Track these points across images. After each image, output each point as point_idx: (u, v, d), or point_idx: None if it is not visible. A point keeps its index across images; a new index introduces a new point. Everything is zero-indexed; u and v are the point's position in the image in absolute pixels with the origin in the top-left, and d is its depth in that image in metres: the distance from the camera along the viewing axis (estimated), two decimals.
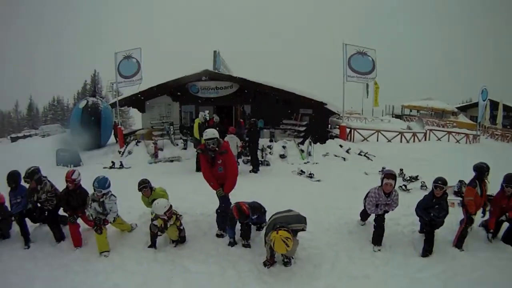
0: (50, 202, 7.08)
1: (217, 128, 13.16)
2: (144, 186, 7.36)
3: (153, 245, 6.68)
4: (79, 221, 7.04)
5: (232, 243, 6.71)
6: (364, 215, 7.45)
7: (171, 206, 6.60)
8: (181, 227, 6.78)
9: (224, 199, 6.93)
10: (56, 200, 7.09)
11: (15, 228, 7.30)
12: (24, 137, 51.42)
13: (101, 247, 6.54)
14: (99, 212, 6.68)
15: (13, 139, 52.34)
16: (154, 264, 6.21)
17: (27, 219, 7.17)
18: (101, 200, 6.64)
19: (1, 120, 80.00)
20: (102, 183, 6.60)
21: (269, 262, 6.06)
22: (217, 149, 6.68)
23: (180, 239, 6.79)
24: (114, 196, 6.78)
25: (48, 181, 7.18)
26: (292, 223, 5.88)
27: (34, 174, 6.97)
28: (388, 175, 6.59)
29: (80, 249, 6.77)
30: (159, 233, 6.62)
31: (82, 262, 6.35)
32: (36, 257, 6.62)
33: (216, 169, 6.78)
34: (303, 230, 6.08)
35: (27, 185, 7.11)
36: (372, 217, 7.03)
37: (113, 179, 7.01)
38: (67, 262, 6.36)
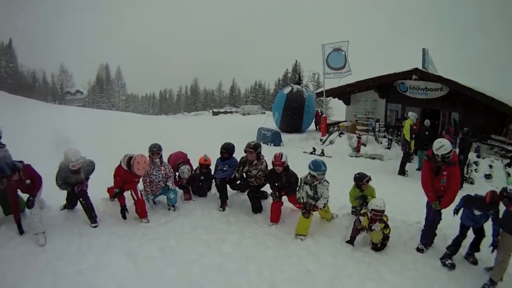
0: (258, 181, 7.22)
1: (427, 133, 12.45)
2: (368, 180, 7.04)
3: (351, 241, 6.22)
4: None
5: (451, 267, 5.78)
6: None
7: (383, 211, 5.96)
8: (388, 235, 6.13)
9: (436, 214, 6.15)
10: (264, 179, 7.25)
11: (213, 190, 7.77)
12: (225, 112, 56.86)
13: (300, 229, 6.34)
14: (309, 196, 6.53)
15: (214, 113, 58.57)
16: (349, 261, 5.77)
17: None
18: (314, 183, 6.45)
19: (205, 96, 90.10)
20: (317, 165, 6.37)
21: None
22: (446, 159, 5.88)
23: (381, 246, 6.14)
24: (327, 181, 6.49)
25: (265, 160, 7.32)
26: None
27: (257, 147, 7.19)
28: None
29: (276, 225, 6.73)
30: (360, 231, 6.18)
31: (275, 238, 6.31)
32: (229, 221, 6.87)
33: (439, 180, 5.99)
34: None
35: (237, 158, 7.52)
36: None
37: None
38: (259, 234, 6.42)
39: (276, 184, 6.88)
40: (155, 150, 7.02)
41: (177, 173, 7.61)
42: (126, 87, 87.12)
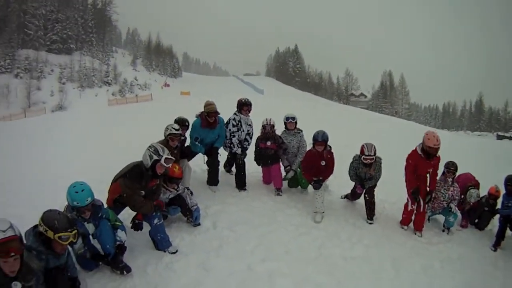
0: None
1: None
2: None
3: None
4: None
5: None
6: None
7: None
8: None
9: None
10: None
11: None
12: (510, 138, 50.75)
13: None
14: None
15: (499, 137, 52.78)
16: None
17: None
18: None
19: (489, 115, 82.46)
20: None
21: None
22: None
23: None
24: None
25: None
26: None
27: None
28: None
29: None
30: None
31: None
32: (497, 265, 5.96)
33: None
34: None
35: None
36: None
37: None
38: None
39: None
40: (452, 168, 6.87)
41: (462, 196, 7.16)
42: (409, 95, 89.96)
